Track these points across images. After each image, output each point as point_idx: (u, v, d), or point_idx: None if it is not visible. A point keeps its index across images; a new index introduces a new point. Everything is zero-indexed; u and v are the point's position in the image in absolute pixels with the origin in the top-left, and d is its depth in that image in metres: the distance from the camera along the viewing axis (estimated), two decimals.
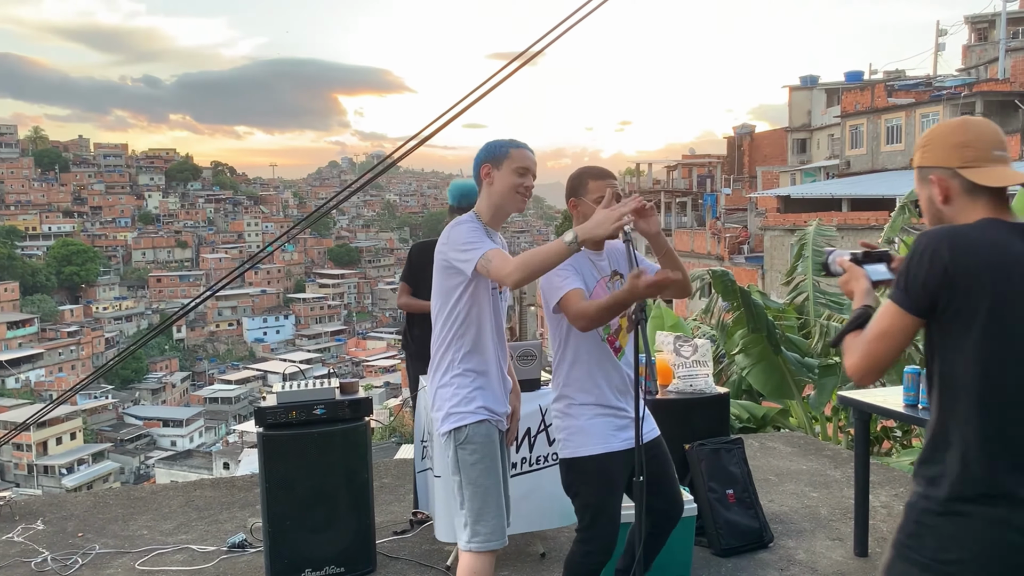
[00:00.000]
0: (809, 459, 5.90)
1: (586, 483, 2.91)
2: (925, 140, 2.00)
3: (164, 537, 4.60)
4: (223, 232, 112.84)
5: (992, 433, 1.79)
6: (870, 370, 1.92)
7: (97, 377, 48.23)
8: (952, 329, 1.82)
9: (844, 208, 28.44)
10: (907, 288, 1.85)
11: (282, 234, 63.13)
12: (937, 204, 1.95)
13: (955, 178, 1.91)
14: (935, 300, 1.81)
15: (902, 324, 1.86)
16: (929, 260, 1.80)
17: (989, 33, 40.90)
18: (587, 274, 2.94)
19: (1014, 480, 1.77)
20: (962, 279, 1.78)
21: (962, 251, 1.79)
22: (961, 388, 1.83)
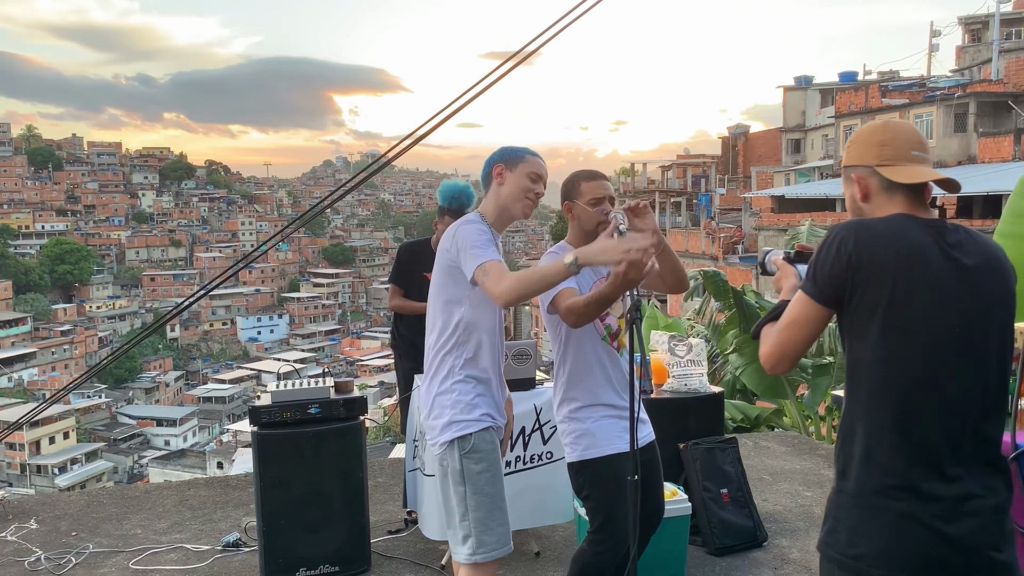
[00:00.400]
0: (803, 458, 5.92)
1: (596, 485, 2.88)
2: (850, 141, 2.04)
3: (158, 536, 4.59)
4: (217, 231, 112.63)
5: (893, 424, 1.80)
6: (780, 358, 1.95)
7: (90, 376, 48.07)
8: (857, 319, 1.85)
9: (838, 208, 28.51)
10: (815, 278, 1.88)
11: (276, 233, 62.85)
12: (857, 201, 1.99)
13: (873, 176, 1.95)
14: (841, 289, 1.84)
15: (810, 313, 1.89)
16: (836, 250, 1.84)
17: (982, 34, 41.02)
18: (582, 275, 2.94)
19: (917, 473, 1.78)
20: (866, 269, 1.81)
21: (867, 242, 1.82)
22: (864, 378, 1.85)
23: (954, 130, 29.60)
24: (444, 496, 2.83)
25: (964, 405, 1.82)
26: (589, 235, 2.96)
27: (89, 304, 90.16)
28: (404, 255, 4.82)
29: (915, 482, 1.78)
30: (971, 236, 1.93)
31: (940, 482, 1.77)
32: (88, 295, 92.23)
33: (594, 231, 2.93)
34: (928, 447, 1.79)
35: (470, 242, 2.67)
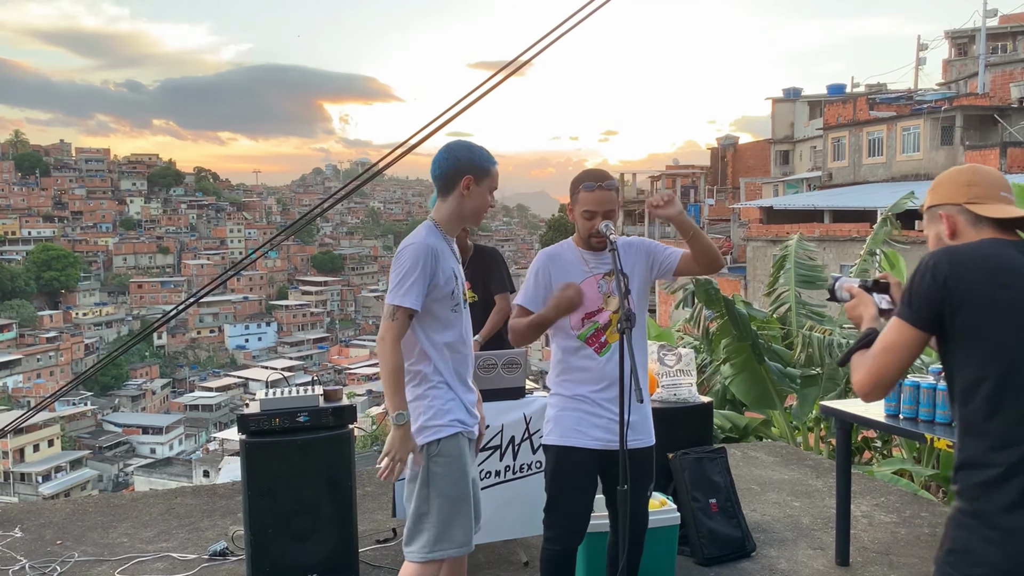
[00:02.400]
0: (791, 469, 5.93)
1: (548, 470, 3.07)
2: (935, 183, 2.10)
3: (144, 545, 4.56)
4: (205, 238, 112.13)
5: (1008, 442, 1.80)
6: (876, 384, 1.97)
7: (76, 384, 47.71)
8: (962, 341, 1.87)
9: (826, 220, 28.64)
10: (911, 302, 1.91)
11: (265, 243, 62.40)
12: (944, 239, 2.03)
13: (962, 213, 2.01)
14: (939, 312, 1.87)
15: (907, 337, 1.92)
16: (931, 275, 1.87)
17: (969, 48, 41.39)
18: (572, 272, 3.00)
19: None
20: (962, 290, 1.84)
21: (961, 264, 1.86)
22: (980, 399, 1.85)
23: (941, 143, 29.80)
24: (409, 496, 2.89)
25: None
26: (585, 241, 3.03)
27: (75, 311, 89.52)
28: None
29: None
30: None
31: None
32: (74, 302, 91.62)
33: (588, 240, 3.00)
34: None
35: (399, 275, 2.74)
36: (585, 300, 2.97)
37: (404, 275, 2.72)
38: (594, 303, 3.02)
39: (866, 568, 4.17)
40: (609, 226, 2.92)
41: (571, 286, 2.87)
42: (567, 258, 3.07)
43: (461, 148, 2.89)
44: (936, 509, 5.09)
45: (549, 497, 3.04)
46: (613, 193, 2.99)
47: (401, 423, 2.70)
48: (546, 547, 3.04)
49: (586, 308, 3.00)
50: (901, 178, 30.37)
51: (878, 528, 4.73)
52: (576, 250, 3.08)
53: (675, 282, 7.90)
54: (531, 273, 3.08)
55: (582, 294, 2.88)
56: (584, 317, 3.01)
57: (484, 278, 4.67)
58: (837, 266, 24.15)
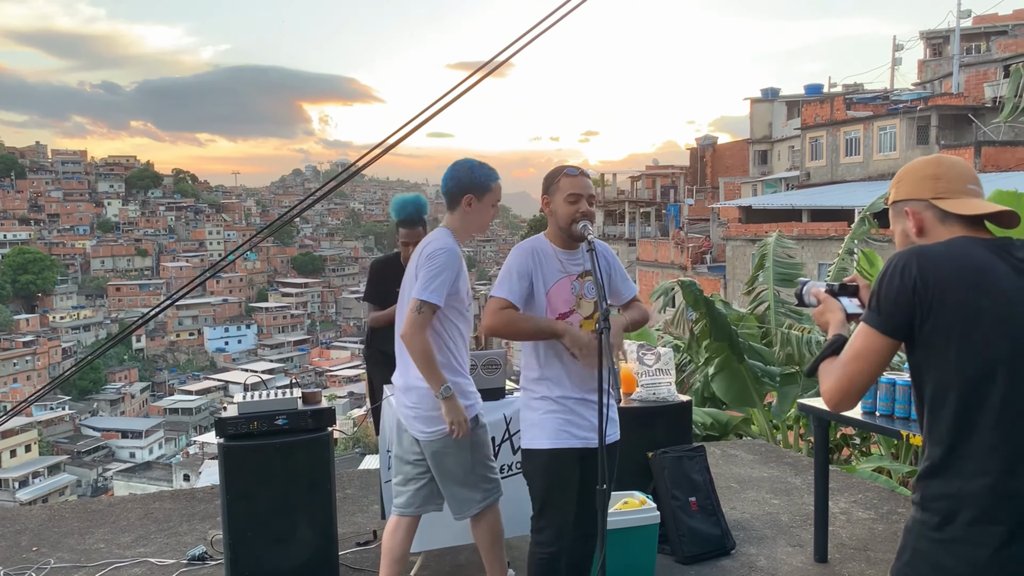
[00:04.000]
0: (770, 466, 5.97)
1: (536, 474, 3.04)
2: (898, 176, 2.01)
3: (122, 550, 4.51)
4: (184, 240, 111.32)
5: (986, 452, 1.73)
6: (846, 393, 1.88)
7: (53, 388, 47.14)
8: (933, 347, 1.78)
9: (804, 219, 28.86)
10: (879, 308, 1.82)
11: (244, 243, 62.07)
12: (912, 237, 1.94)
13: (928, 209, 1.91)
14: (909, 318, 1.78)
15: (876, 345, 1.83)
16: (900, 278, 1.78)
17: (943, 49, 41.83)
18: (548, 270, 3.00)
19: (1014, 506, 1.71)
20: (932, 293, 1.75)
21: (931, 265, 1.77)
22: (950, 407, 1.77)
23: (916, 142, 30.12)
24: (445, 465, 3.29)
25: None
26: (564, 231, 3.01)
27: (52, 314, 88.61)
28: (376, 271, 4.84)
29: (1011, 514, 1.70)
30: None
31: None
32: (51, 305, 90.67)
33: (568, 229, 2.98)
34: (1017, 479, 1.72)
35: (431, 274, 3.07)
36: (559, 301, 3.00)
37: (435, 274, 3.06)
38: (567, 304, 3.02)
39: (844, 564, 4.21)
40: (587, 226, 2.94)
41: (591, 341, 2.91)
42: (547, 251, 3.05)
43: (462, 168, 3.19)
44: None
45: (541, 501, 3.02)
46: (591, 181, 3.08)
47: (448, 395, 3.09)
48: (537, 551, 3.02)
49: (559, 309, 3.01)
50: (878, 177, 30.66)
51: (856, 524, 4.76)
52: (551, 248, 3.07)
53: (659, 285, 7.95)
54: (513, 268, 3.03)
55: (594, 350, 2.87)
56: (558, 317, 3.01)
57: None
58: (815, 264, 24.34)
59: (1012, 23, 39.67)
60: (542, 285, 3.01)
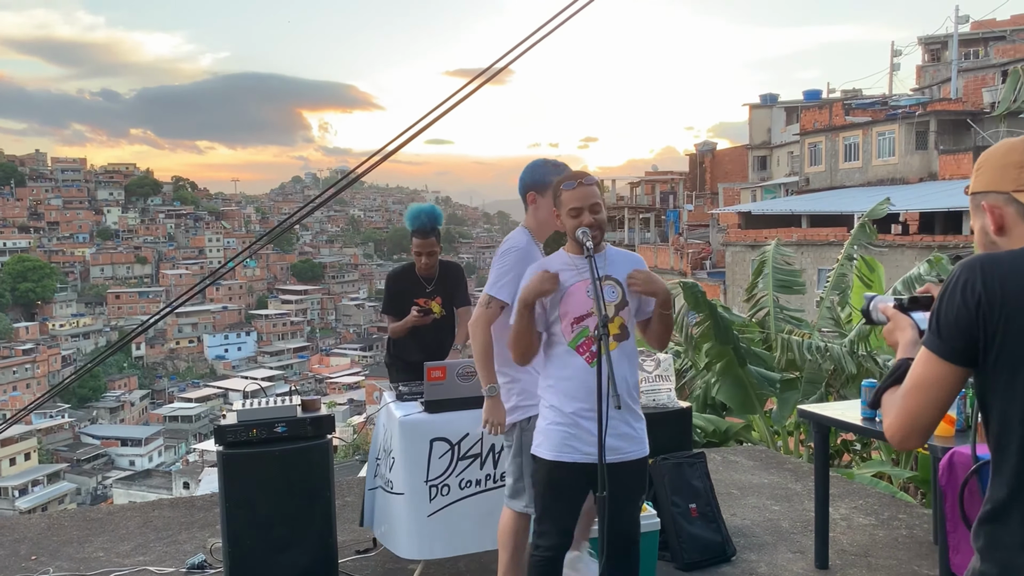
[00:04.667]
0: (771, 472, 5.96)
1: (539, 481, 3.04)
2: (979, 163, 1.72)
3: (121, 559, 4.50)
4: (184, 248, 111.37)
5: None
6: (910, 431, 1.64)
7: (53, 395, 47.05)
8: (998, 375, 1.55)
9: (804, 224, 28.89)
10: (939, 330, 1.58)
11: (243, 250, 62.35)
12: (990, 234, 1.68)
13: (1010, 204, 1.63)
14: (973, 341, 1.55)
15: (937, 373, 1.59)
16: (961, 294, 1.55)
17: (942, 54, 41.92)
18: (569, 275, 2.97)
19: None
20: (999, 313, 1.52)
21: (999, 280, 1.52)
22: (1015, 445, 1.55)
23: (915, 147, 30.16)
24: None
25: None
26: (573, 240, 3.00)
27: (52, 322, 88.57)
28: (391, 284, 4.84)
29: None
30: None
31: None
32: (51, 313, 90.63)
33: (575, 238, 2.98)
34: None
35: (501, 271, 3.21)
36: (574, 305, 2.93)
37: (504, 272, 3.18)
38: (583, 307, 2.93)
39: (845, 571, 4.19)
40: (586, 233, 2.91)
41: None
42: (553, 265, 3.01)
43: (527, 167, 3.37)
44: (914, 511, 5.12)
45: (541, 507, 3.03)
46: (594, 187, 2.98)
47: (492, 394, 3.22)
48: (536, 553, 3.03)
49: (575, 313, 2.93)
50: (877, 182, 30.71)
51: (857, 531, 4.75)
52: (567, 257, 3.02)
53: None
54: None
55: (556, 280, 2.93)
56: (573, 322, 2.94)
57: (451, 294, 4.78)
58: (815, 270, 24.37)
59: (1010, 28, 39.79)
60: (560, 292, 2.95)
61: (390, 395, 4.30)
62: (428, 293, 4.68)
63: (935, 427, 1.65)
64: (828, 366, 7.65)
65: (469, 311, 4.80)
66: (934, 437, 3.51)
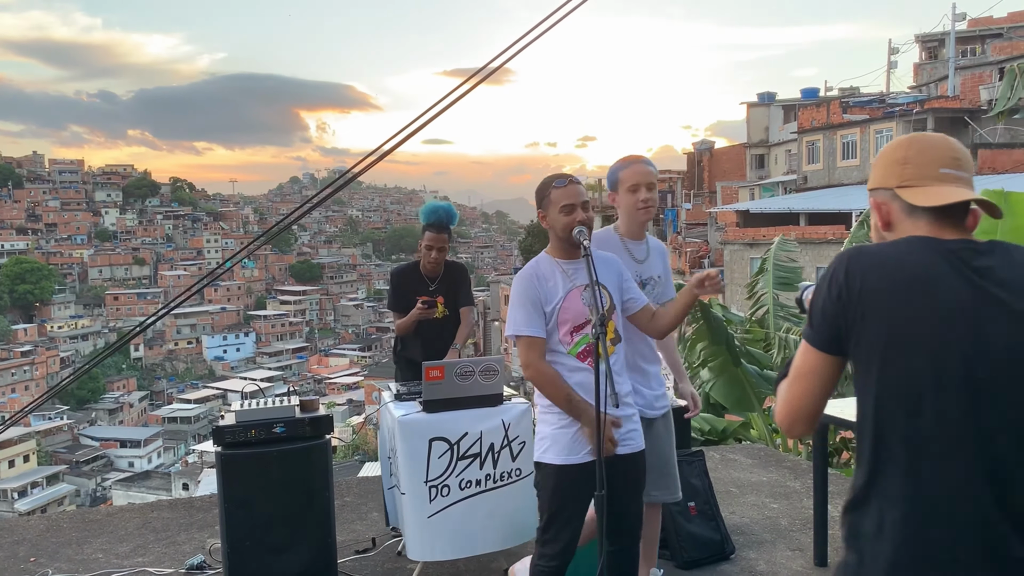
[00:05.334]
0: (769, 470, 5.96)
1: (545, 487, 2.99)
2: (875, 160, 1.78)
3: (120, 560, 4.50)
4: (182, 249, 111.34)
5: (903, 493, 1.53)
6: (794, 418, 1.69)
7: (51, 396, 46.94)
8: (858, 364, 1.59)
9: (802, 222, 28.89)
10: (811, 321, 1.64)
11: (240, 250, 62.20)
12: (880, 231, 1.72)
13: (895, 200, 1.67)
14: (837, 331, 1.58)
15: (812, 363, 1.64)
16: (827, 286, 1.60)
17: (939, 52, 41.97)
18: (552, 289, 2.96)
19: (930, 553, 1.50)
20: (857, 304, 1.55)
21: (861, 272, 1.56)
22: (867, 435, 1.59)
23: None
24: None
25: (1000, 480, 1.48)
26: (564, 242, 2.98)
27: (50, 324, 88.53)
28: (396, 281, 4.83)
29: (922, 566, 1.51)
30: (1012, 257, 1.56)
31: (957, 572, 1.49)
32: (49, 315, 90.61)
33: (568, 239, 2.96)
34: (941, 523, 1.50)
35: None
36: (572, 314, 2.94)
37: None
38: (581, 316, 2.94)
39: None
40: (583, 231, 2.91)
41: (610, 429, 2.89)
42: (547, 273, 2.99)
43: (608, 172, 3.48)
44: None
45: (548, 515, 2.98)
46: (583, 186, 3.02)
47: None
48: (540, 563, 2.98)
49: (573, 322, 2.94)
50: None
51: None
52: (553, 263, 3.02)
53: None
54: (520, 298, 2.97)
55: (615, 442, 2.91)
56: (572, 331, 2.94)
57: (455, 294, 4.78)
58: (813, 268, 24.36)
59: (1007, 26, 39.79)
60: (552, 306, 2.96)
61: (388, 395, 4.30)
62: (431, 292, 4.70)
63: (818, 414, 1.68)
64: None
65: (471, 311, 4.85)
66: None
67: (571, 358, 2.95)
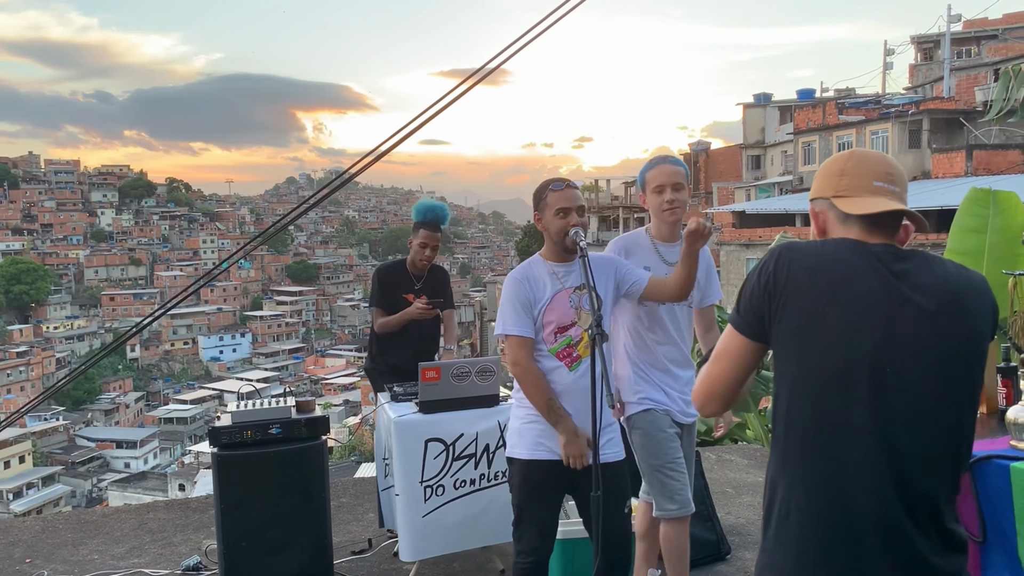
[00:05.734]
0: (763, 470, 5.96)
1: (515, 483, 3.04)
2: (817, 172, 1.88)
3: (116, 561, 4.50)
4: (178, 249, 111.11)
5: (806, 477, 1.63)
6: (708, 396, 1.78)
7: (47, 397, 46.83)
8: (777, 350, 1.68)
9: (798, 223, 28.90)
10: (738, 307, 1.73)
11: (237, 250, 62.05)
12: (816, 237, 1.81)
13: (831, 209, 1.77)
14: (761, 318, 1.68)
15: (735, 346, 1.73)
16: (757, 275, 1.70)
17: (934, 53, 42.06)
18: (541, 289, 2.99)
19: (824, 536, 1.59)
20: (782, 294, 1.64)
21: (787, 265, 1.66)
22: (780, 418, 1.68)
23: (908, 146, 30.26)
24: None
25: (899, 465, 1.57)
26: (558, 245, 3.00)
27: (46, 324, 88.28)
28: (381, 278, 4.79)
29: (827, 548, 1.59)
30: (929, 265, 1.67)
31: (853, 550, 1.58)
32: (45, 315, 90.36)
33: (562, 242, 2.98)
34: (842, 509, 1.59)
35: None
36: (558, 315, 2.98)
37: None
38: (567, 317, 2.99)
39: None
40: (579, 232, 2.93)
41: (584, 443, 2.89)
42: (537, 275, 3.03)
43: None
44: None
45: (518, 509, 3.02)
46: (579, 191, 3.07)
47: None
48: (518, 561, 3.00)
49: (558, 323, 2.99)
50: None
51: None
52: (546, 264, 3.05)
53: None
54: (510, 298, 3.00)
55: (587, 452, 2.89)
56: (557, 331, 2.99)
57: (439, 296, 4.76)
58: None
59: (1002, 27, 39.91)
60: (539, 307, 3.00)
61: (384, 396, 4.30)
62: (417, 290, 4.67)
63: (733, 396, 1.77)
64: None
65: (454, 314, 4.88)
66: None
67: (550, 357, 2.99)
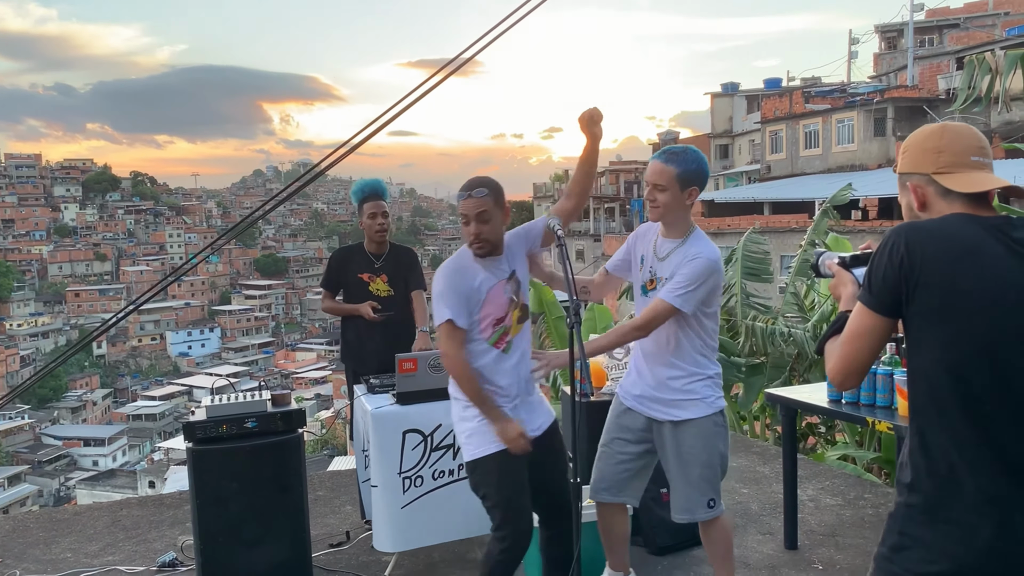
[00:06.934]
0: (739, 456, 6.03)
1: (490, 483, 3.01)
2: (904, 146, 1.97)
3: (90, 559, 4.45)
4: (144, 244, 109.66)
5: (964, 436, 1.73)
6: (846, 373, 1.89)
7: (13, 397, 46.03)
8: (916, 325, 1.78)
9: (766, 211, 29.22)
10: (870, 286, 1.82)
11: (206, 247, 61.45)
12: (915, 211, 1.92)
13: (930, 184, 1.87)
14: (897, 296, 1.78)
15: (870, 324, 1.83)
16: (888, 255, 1.78)
17: (898, 42, 42.58)
18: (481, 281, 3.02)
19: (1002, 486, 1.71)
20: (918, 272, 1.74)
21: (919, 243, 1.75)
22: (927, 388, 1.78)
23: (874, 134, 30.64)
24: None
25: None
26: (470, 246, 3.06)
27: (9, 322, 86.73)
28: (335, 260, 4.78)
29: (1002, 496, 1.70)
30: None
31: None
32: (8, 313, 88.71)
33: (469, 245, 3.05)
34: (1009, 460, 1.71)
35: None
36: (495, 307, 3.04)
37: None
38: (502, 309, 3.05)
39: (814, 550, 4.27)
40: (559, 222, 3.03)
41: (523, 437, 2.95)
42: (468, 267, 3.05)
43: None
44: (879, 490, 5.23)
45: (502, 509, 3.00)
46: (483, 199, 2.98)
47: None
48: (501, 558, 3.00)
49: (495, 315, 3.04)
50: (837, 169, 31.14)
51: (824, 511, 4.84)
52: (473, 260, 3.07)
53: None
54: (447, 289, 2.99)
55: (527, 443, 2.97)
56: (494, 323, 3.04)
57: (404, 276, 4.71)
58: (778, 256, 24.63)
59: (963, 16, 40.51)
60: (478, 299, 3.02)
61: (361, 388, 4.29)
62: (376, 269, 4.62)
63: (867, 370, 1.91)
64: (791, 351, 7.76)
65: (423, 294, 4.78)
66: (900, 418, 3.59)
67: (489, 347, 3.04)
